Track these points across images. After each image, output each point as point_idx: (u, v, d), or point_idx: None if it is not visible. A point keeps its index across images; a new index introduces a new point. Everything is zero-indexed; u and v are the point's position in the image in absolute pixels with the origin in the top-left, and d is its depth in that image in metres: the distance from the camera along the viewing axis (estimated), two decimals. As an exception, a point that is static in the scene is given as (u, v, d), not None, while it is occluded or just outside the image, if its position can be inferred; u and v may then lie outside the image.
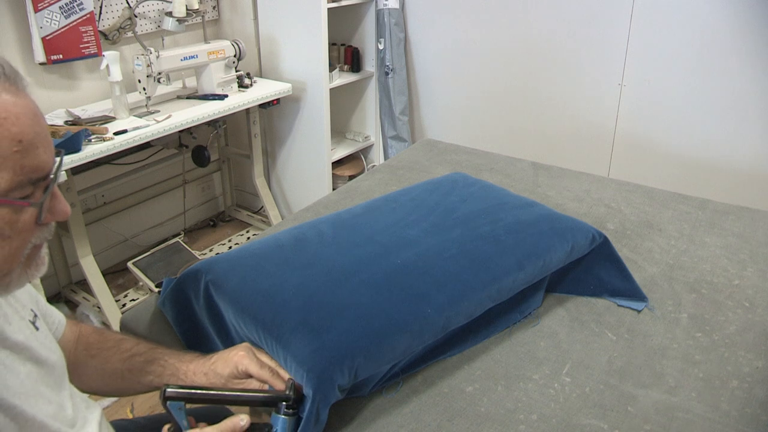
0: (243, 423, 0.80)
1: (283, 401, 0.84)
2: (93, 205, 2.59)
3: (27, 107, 0.63)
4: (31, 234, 0.66)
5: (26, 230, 0.65)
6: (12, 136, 0.61)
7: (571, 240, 1.25)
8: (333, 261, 1.13)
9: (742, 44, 2.18)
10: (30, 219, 0.65)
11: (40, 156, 0.64)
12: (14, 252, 0.65)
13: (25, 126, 0.62)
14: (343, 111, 3.33)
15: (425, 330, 1.02)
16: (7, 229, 0.63)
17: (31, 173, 0.63)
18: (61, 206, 0.69)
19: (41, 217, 0.66)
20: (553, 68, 2.65)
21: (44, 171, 0.65)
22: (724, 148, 2.34)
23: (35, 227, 0.66)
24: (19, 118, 0.62)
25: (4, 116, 0.60)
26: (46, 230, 0.69)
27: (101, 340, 0.93)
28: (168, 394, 0.79)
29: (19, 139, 0.61)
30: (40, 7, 2.12)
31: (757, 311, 1.25)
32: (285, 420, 0.84)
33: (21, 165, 0.62)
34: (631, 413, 0.99)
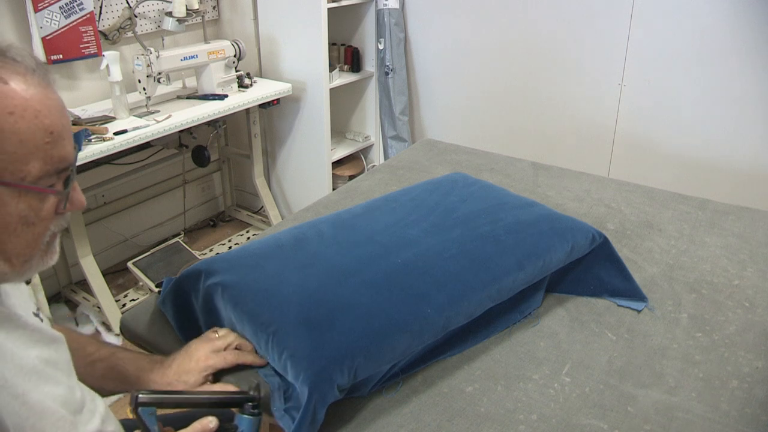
0: (212, 425, 0.83)
1: (248, 401, 0.87)
2: (93, 205, 2.59)
3: (57, 101, 0.68)
4: (50, 222, 0.69)
5: (48, 218, 0.69)
6: (45, 127, 0.65)
7: (571, 240, 1.25)
8: (333, 261, 1.13)
9: (742, 44, 2.18)
10: (51, 207, 0.69)
11: (66, 147, 0.68)
12: (36, 238, 0.68)
13: (55, 118, 0.67)
14: (343, 111, 3.33)
15: (425, 330, 1.02)
16: (33, 215, 0.67)
17: (58, 163, 0.67)
18: (79, 197, 0.73)
19: (64, 206, 0.70)
20: (553, 68, 2.65)
21: (68, 162, 0.69)
22: (724, 148, 2.34)
23: (54, 216, 0.70)
24: (51, 111, 0.66)
25: (38, 109, 0.65)
26: (63, 219, 0.72)
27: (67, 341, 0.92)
28: (140, 401, 0.80)
29: (51, 131, 0.66)
30: (40, 7, 2.12)
31: (757, 311, 1.25)
32: (250, 420, 0.86)
33: (50, 155, 0.66)
34: (631, 413, 0.99)
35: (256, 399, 0.87)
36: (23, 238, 0.67)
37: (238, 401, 0.88)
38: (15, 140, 0.63)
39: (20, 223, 0.66)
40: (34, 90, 0.65)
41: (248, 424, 0.86)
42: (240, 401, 0.87)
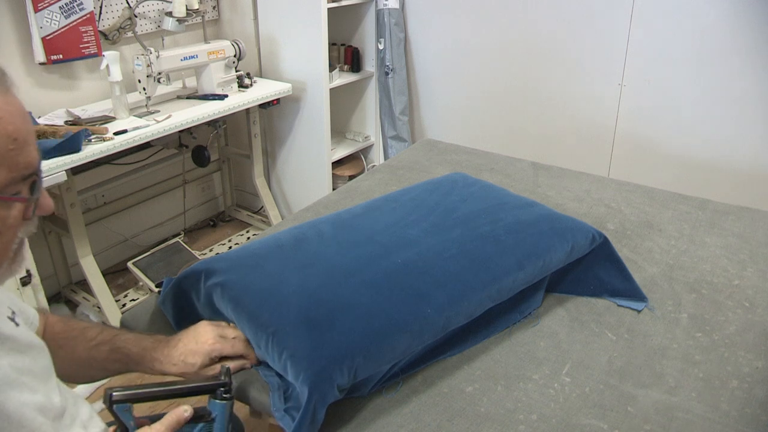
0: (186, 414, 0.83)
1: (220, 387, 0.88)
2: (93, 205, 2.59)
3: (17, 106, 0.65)
4: (18, 229, 0.68)
5: (15, 225, 0.67)
6: (8, 134, 0.62)
7: (571, 240, 1.25)
8: (333, 261, 1.13)
9: (742, 44, 2.18)
10: (18, 214, 0.67)
11: (31, 153, 0.66)
12: (5, 247, 0.67)
13: (18, 125, 0.64)
14: (343, 111, 3.33)
15: (425, 330, 1.02)
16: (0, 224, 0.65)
17: (23, 170, 0.65)
18: (47, 201, 0.71)
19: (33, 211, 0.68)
20: (553, 68, 2.65)
21: (34, 167, 0.67)
22: (724, 148, 2.34)
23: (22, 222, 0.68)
24: (13, 116, 0.63)
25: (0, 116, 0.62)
26: (31, 224, 0.70)
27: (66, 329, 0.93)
28: (115, 398, 0.81)
29: (15, 137, 0.63)
30: (40, 7, 2.12)
31: (757, 311, 1.25)
32: (223, 405, 0.88)
33: (16, 162, 0.64)
34: (631, 413, 0.99)
35: (227, 384, 0.89)
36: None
37: (210, 388, 0.89)
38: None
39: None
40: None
41: (221, 409, 0.88)
42: (212, 387, 0.89)
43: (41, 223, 2.36)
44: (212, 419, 0.88)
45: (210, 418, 0.88)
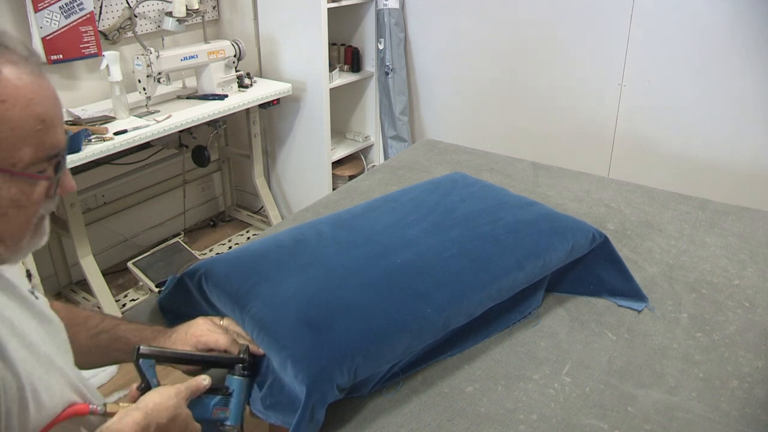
0: (206, 383, 0.88)
1: (239, 363, 0.94)
2: (93, 205, 2.59)
3: (49, 89, 0.69)
4: (40, 205, 0.71)
5: (38, 202, 0.70)
6: (37, 115, 0.66)
7: (571, 239, 1.25)
8: (332, 261, 1.13)
9: (742, 44, 2.18)
10: (42, 192, 0.70)
11: (57, 134, 0.70)
12: (27, 221, 0.70)
13: (48, 106, 0.68)
14: (343, 111, 3.33)
15: (425, 330, 1.02)
16: (24, 200, 0.68)
17: (49, 150, 0.69)
18: (69, 181, 0.75)
19: (54, 190, 0.72)
20: (553, 68, 2.65)
21: (59, 148, 0.71)
22: (724, 149, 2.34)
23: (44, 199, 0.72)
24: (44, 99, 0.67)
25: (30, 97, 0.66)
26: (52, 202, 0.74)
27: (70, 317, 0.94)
28: (141, 352, 0.86)
29: (43, 118, 0.67)
30: (40, 7, 2.12)
31: (757, 311, 1.25)
32: (240, 380, 0.94)
33: (42, 142, 0.68)
34: (631, 413, 0.99)
35: (245, 361, 0.95)
36: (15, 221, 0.69)
37: (229, 362, 0.95)
38: (6, 128, 0.64)
39: (11, 207, 0.68)
40: (27, 78, 0.66)
41: (239, 384, 0.93)
42: (231, 362, 0.95)
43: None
44: (229, 393, 0.92)
45: (227, 392, 0.92)
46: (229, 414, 0.91)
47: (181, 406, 0.83)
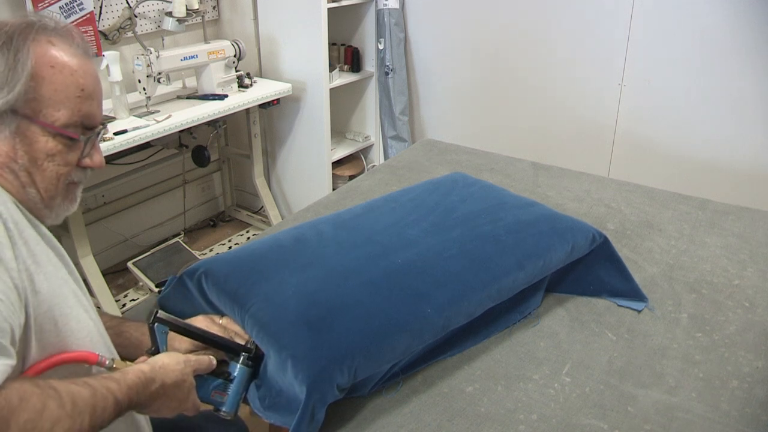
0: (213, 362, 0.92)
1: (245, 352, 0.97)
2: (93, 205, 2.59)
3: (93, 71, 0.82)
4: (72, 169, 0.82)
5: (70, 164, 0.81)
6: (78, 84, 0.79)
7: (571, 240, 1.25)
8: (332, 261, 1.13)
9: (742, 44, 2.18)
10: (75, 156, 0.81)
11: (94, 107, 0.82)
12: (59, 177, 0.80)
13: (89, 81, 0.81)
14: (343, 111, 3.33)
15: (425, 330, 1.02)
16: (58, 157, 0.79)
17: (84, 118, 0.80)
18: (100, 156, 0.85)
19: (84, 153, 0.82)
20: (553, 68, 2.65)
21: (94, 121, 0.82)
22: (724, 148, 2.34)
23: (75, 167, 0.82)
24: (86, 74, 0.80)
25: (75, 69, 0.79)
26: (83, 173, 0.85)
27: None
28: (159, 316, 0.89)
29: (83, 88, 0.80)
30: (40, 7, 2.12)
31: (757, 311, 1.25)
32: (243, 369, 0.96)
33: (79, 108, 0.79)
34: (631, 413, 0.99)
35: (251, 351, 0.98)
36: (48, 173, 0.79)
37: (236, 349, 0.97)
38: (51, 88, 0.77)
39: (46, 160, 0.79)
40: (76, 57, 0.80)
41: (241, 373, 0.96)
42: (239, 349, 0.97)
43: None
44: (231, 380, 0.94)
45: (229, 378, 0.94)
46: (226, 399, 0.93)
47: (188, 374, 0.85)
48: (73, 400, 0.67)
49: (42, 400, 0.64)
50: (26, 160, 0.78)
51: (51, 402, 0.65)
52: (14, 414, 0.61)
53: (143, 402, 0.78)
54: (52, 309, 0.76)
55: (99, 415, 0.70)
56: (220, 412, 0.94)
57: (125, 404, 0.74)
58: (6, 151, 0.77)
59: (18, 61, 0.76)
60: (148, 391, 0.78)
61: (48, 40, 0.79)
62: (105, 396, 0.71)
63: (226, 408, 0.94)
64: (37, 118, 0.77)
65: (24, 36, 0.78)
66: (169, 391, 0.81)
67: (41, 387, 0.66)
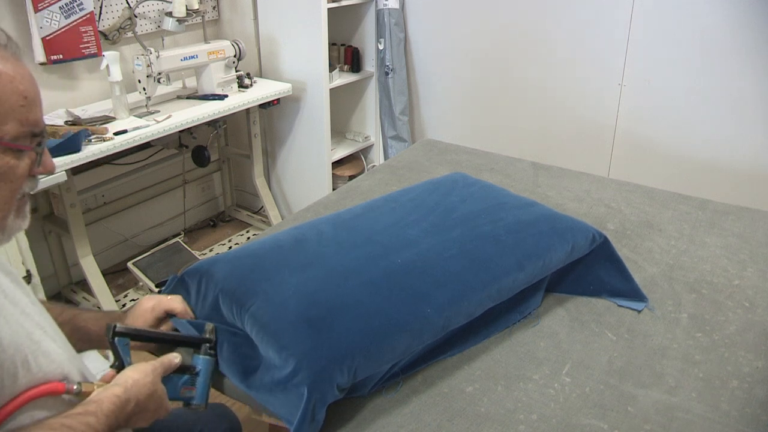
0: (176, 360, 0.92)
1: (205, 343, 0.99)
2: (93, 205, 2.59)
3: (28, 72, 0.76)
4: (23, 181, 0.77)
5: (22, 177, 0.76)
6: (20, 92, 0.73)
7: (571, 240, 1.25)
8: (332, 261, 1.13)
9: (742, 44, 2.18)
10: (25, 167, 0.76)
11: (38, 113, 0.76)
12: (11, 194, 0.75)
13: (28, 86, 0.74)
14: (343, 111, 3.33)
15: (425, 330, 1.02)
16: (9, 173, 0.74)
17: (32, 126, 0.75)
18: (50, 161, 0.81)
19: (37, 164, 0.77)
20: (553, 68, 2.65)
21: (40, 126, 0.77)
22: (724, 148, 2.34)
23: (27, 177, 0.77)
24: (24, 79, 0.74)
25: (13, 75, 0.72)
26: (33, 181, 0.79)
27: None
28: (117, 330, 0.89)
29: (25, 95, 0.73)
30: (40, 7, 2.12)
31: (757, 311, 1.25)
32: (207, 360, 0.98)
33: (26, 118, 0.74)
34: (631, 413, 0.99)
35: (211, 341, 1.00)
36: (2, 192, 0.74)
37: (197, 342, 0.99)
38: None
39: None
40: (9, 62, 0.73)
41: (205, 364, 0.97)
42: (198, 342, 0.99)
43: (42, 223, 2.36)
44: (196, 373, 0.96)
45: (194, 371, 0.96)
46: (195, 393, 0.95)
47: (157, 382, 0.85)
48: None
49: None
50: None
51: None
52: None
53: (121, 424, 0.78)
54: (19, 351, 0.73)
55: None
56: (191, 406, 0.95)
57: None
58: None
59: None
60: (125, 413, 0.78)
61: None
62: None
63: (197, 401, 0.96)
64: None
65: None
66: (143, 406, 0.82)
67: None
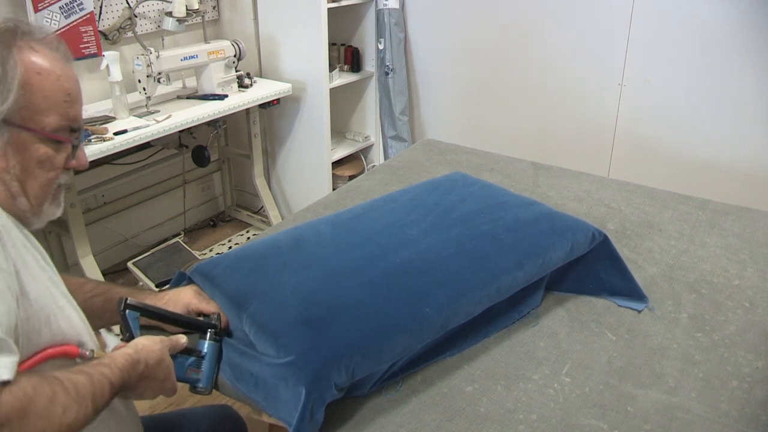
0: (183, 341, 0.95)
1: (211, 328, 1.02)
2: (93, 205, 2.59)
3: (74, 74, 0.86)
4: (59, 172, 0.85)
5: (59, 167, 0.84)
6: (64, 89, 0.82)
7: (570, 239, 1.25)
8: (331, 261, 1.13)
9: (742, 44, 2.18)
10: (62, 159, 0.85)
11: (78, 110, 0.85)
12: (49, 183, 0.84)
13: (72, 85, 0.84)
14: (343, 111, 3.33)
15: (424, 329, 1.02)
16: (48, 163, 0.82)
17: (72, 121, 0.84)
18: (84, 156, 0.89)
19: (72, 156, 0.86)
20: (553, 68, 2.64)
21: (79, 123, 0.86)
22: (724, 149, 2.34)
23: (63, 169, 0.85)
24: (69, 78, 0.84)
25: (59, 74, 0.82)
26: (68, 174, 0.88)
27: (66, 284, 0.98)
28: (129, 303, 0.94)
29: (68, 93, 0.83)
30: (40, 7, 2.12)
31: (757, 311, 1.25)
32: (212, 345, 1.01)
33: (67, 113, 0.83)
34: (631, 413, 0.99)
35: (217, 327, 1.03)
36: (39, 180, 0.82)
37: (203, 326, 1.02)
38: (40, 96, 0.80)
39: (37, 167, 0.81)
40: (58, 62, 0.82)
41: (210, 348, 1.01)
42: (205, 327, 1.02)
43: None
44: (202, 356, 0.99)
45: (200, 355, 0.99)
46: (201, 375, 0.98)
47: (166, 352, 0.89)
48: (76, 388, 0.70)
49: (51, 389, 0.67)
50: (18, 170, 0.80)
51: (59, 390, 0.68)
52: (31, 403, 0.64)
53: (132, 383, 0.81)
54: (44, 309, 0.78)
55: (99, 398, 0.74)
56: (198, 388, 0.98)
57: (118, 386, 0.78)
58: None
59: (7, 72, 0.78)
60: (135, 372, 0.82)
61: (30, 47, 0.81)
62: (101, 381, 0.75)
63: (203, 383, 0.98)
64: (29, 125, 0.79)
65: (8, 44, 0.80)
66: (152, 371, 0.85)
67: (47, 378, 0.69)
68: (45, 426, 0.65)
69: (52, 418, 0.66)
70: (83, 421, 0.70)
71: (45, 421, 0.65)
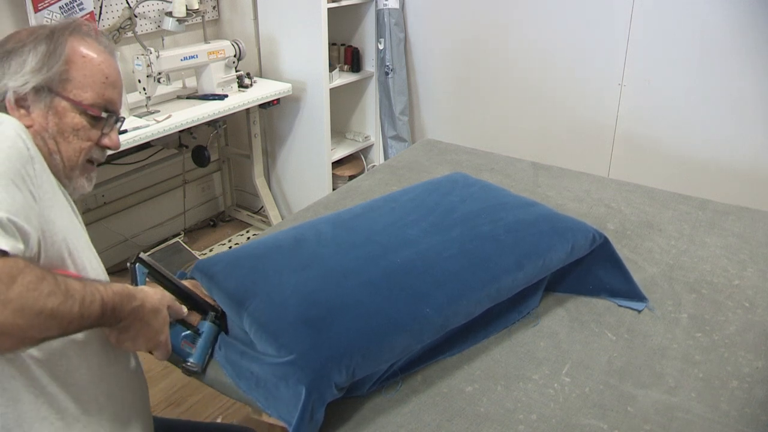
0: (184, 310, 1.01)
1: (213, 311, 1.06)
2: (93, 205, 2.59)
3: (117, 66, 0.98)
4: (92, 146, 0.95)
5: (92, 140, 0.94)
6: (103, 72, 0.94)
7: (571, 240, 1.25)
8: (331, 261, 1.13)
9: (742, 44, 2.18)
10: (96, 134, 0.95)
11: (116, 95, 0.96)
12: (81, 150, 0.93)
13: (112, 72, 0.96)
14: (343, 111, 3.33)
15: (424, 329, 1.02)
16: (82, 132, 0.93)
17: (107, 102, 0.94)
18: (117, 138, 0.99)
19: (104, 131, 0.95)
20: (553, 68, 2.64)
21: (115, 107, 0.96)
22: (724, 148, 2.34)
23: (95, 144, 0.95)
24: (111, 67, 0.96)
25: (101, 60, 0.94)
26: (100, 152, 0.97)
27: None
28: (140, 257, 1.00)
29: (107, 76, 0.94)
30: (40, 7, 2.12)
31: (757, 311, 1.25)
32: (210, 326, 1.04)
33: (103, 93, 0.94)
34: (631, 413, 0.99)
35: (218, 311, 1.06)
36: (72, 145, 0.92)
37: (206, 306, 1.06)
38: (81, 73, 0.92)
39: (72, 133, 0.91)
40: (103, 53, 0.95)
41: (208, 329, 1.04)
42: (207, 307, 1.06)
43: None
44: (199, 334, 1.02)
45: (197, 332, 1.02)
46: (194, 352, 1.00)
47: (164, 306, 0.92)
48: (66, 285, 0.72)
49: (42, 273, 0.70)
50: (55, 131, 0.90)
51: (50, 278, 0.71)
52: (21, 274, 0.67)
53: (124, 315, 0.82)
54: (66, 241, 0.84)
55: (87, 307, 0.74)
56: (188, 363, 0.99)
57: (109, 307, 0.78)
58: (40, 121, 0.89)
59: (56, 49, 0.90)
60: (129, 305, 0.83)
61: (82, 37, 0.94)
62: (93, 292, 0.76)
63: (194, 359, 1.00)
64: (68, 95, 0.91)
65: (63, 31, 0.93)
66: (147, 316, 0.87)
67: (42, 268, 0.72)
68: (28, 298, 0.67)
69: (36, 294, 0.68)
70: (66, 317, 0.71)
71: (29, 294, 0.67)
